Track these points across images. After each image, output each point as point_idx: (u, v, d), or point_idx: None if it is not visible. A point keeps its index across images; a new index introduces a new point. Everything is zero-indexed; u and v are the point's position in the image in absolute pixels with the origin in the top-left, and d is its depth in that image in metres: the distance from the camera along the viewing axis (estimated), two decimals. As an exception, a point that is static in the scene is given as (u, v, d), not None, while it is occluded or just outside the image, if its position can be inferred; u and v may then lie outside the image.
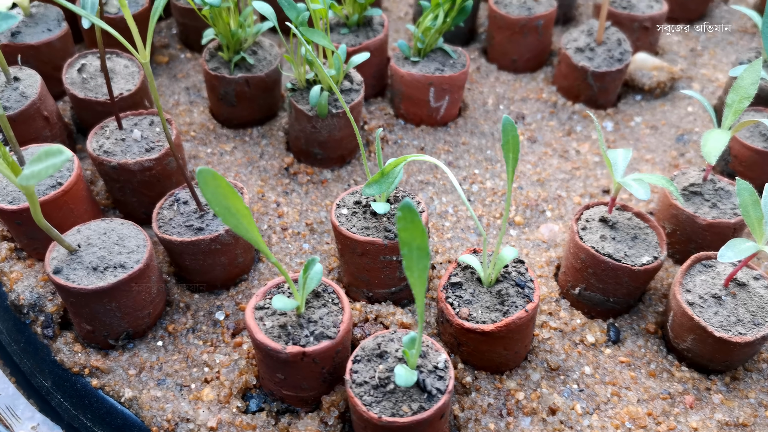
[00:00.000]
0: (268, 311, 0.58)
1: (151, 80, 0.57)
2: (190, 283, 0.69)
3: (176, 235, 0.65)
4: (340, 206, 0.67)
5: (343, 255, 0.66)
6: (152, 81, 0.57)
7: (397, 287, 0.67)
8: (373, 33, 0.86)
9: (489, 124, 0.89)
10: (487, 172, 0.83)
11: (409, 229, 0.46)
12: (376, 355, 0.56)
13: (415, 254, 0.47)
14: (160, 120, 0.72)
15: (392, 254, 0.64)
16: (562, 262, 0.70)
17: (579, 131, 0.89)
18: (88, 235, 0.63)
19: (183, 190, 0.68)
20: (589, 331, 0.67)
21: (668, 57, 1.00)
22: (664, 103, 0.93)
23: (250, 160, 0.81)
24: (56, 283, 0.59)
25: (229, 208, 0.50)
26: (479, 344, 0.60)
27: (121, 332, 0.63)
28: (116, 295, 0.60)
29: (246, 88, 0.80)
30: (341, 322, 0.58)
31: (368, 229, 0.64)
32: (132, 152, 0.69)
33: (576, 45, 0.89)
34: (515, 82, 0.95)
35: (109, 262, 0.60)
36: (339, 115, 0.76)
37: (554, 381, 0.63)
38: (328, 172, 0.81)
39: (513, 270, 0.62)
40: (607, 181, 0.82)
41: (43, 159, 0.44)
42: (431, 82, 0.82)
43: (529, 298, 0.60)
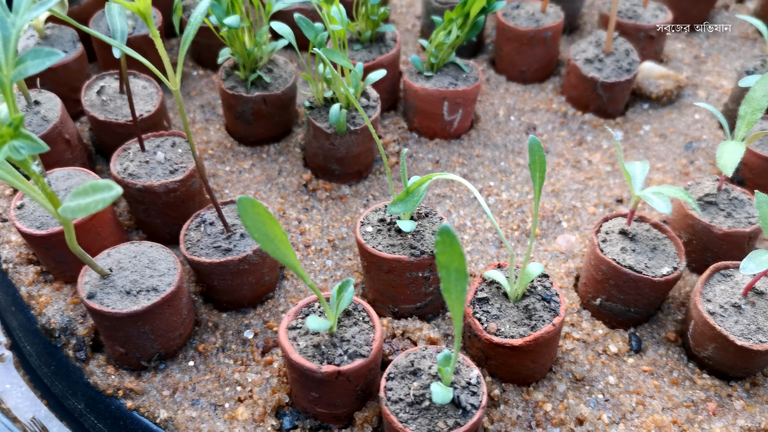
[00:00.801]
0: (301, 331, 0.59)
1: (180, 107, 0.58)
2: (218, 303, 0.70)
3: (205, 257, 0.65)
4: (364, 224, 0.68)
5: (369, 272, 0.68)
6: (182, 108, 0.58)
7: (422, 302, 0.68)
8: (386, 48, 0.87)
9: (501, 135, 0.90)
10: (502, 184, 0.84)
11: (448, 253, 0.48)
12: (410, 372, 0.57)
13: (454, 276, 0.48)
14: (189, 146, 0.73)
15: (418, 271, 0.65)
16: (582, 273, 0.72)
17: (590, 141, 0.90)
18: (118, 258, 0.64)
19: (208, 211, 0.69)
20: (611, 341, 0.68)
21: (673, 64, 1.02)
22: (671, 111, 0.95)
23: (269, 177, 0.82)
24: (90, 307, 0.59)
25: (267, 234, 0.51)
26: (507, 358, 0.62)
27: (153, 354, 0.64)
28: (150, 318, 0.61)
29: (263, 106, 0.81)
30: (373, 341, 0.59)
31: (394, 246, 0.65)
32: (157, 174, 0.70)
33: (585, 56, 0.91)
34: (524, 93, 0.96)
35: (142, 285, 0.61)
36: (357, 131, 0.77)
37: (580, 391, 0.65)
38: (346, 188, 0.82)
39: (538, 284, 0.63)
40: (620, 191, 0.84)
41: (90, 193, 0.45)
42: (445, 96, 0.83)
43: (556, 312, 0.62)
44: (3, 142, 0.46)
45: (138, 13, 0.53)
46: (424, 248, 0.65)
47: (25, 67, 0.45)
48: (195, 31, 0.55)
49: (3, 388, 0.68)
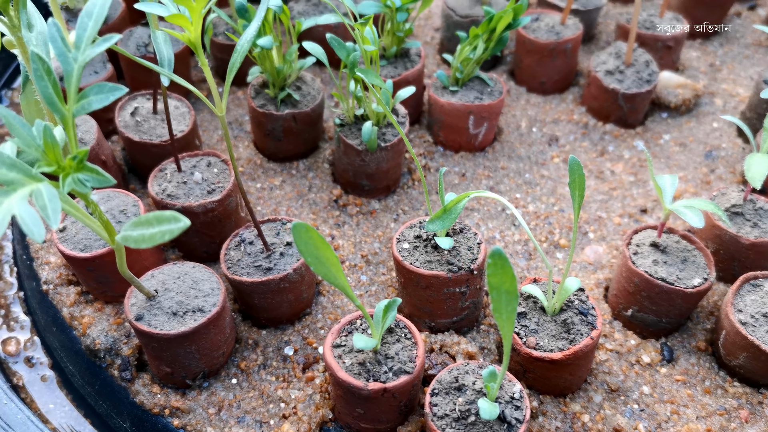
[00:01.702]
0: (346, 348, 0.61)
1: (225, 131, 0.59)
2: (257, 320, 0.71)
3: (246, 276, 0.67)
4: (400, 240, 0.69)
5: (406, 287, 0.69)
6: (227, 132, 0.59)
7: (459, 316, 0.70)
8: (411, 64, 0.89)
9: (525, 147, 0.92)
10: (528, 196, 0.85)
11: (499, 274, 0.49)
12: (455, 388, 0.59)
13: (504, 297, 0.50)
14: (224, 165, 0.74)
15: (455, 286, 0.66)
16: (612, 285, 0.73)
17: (611, 151, 0.92)
18: (162, 280, 0.65)
19: (246, 230, 0.70)
20: (644, 352, 0.70)
21: (689, 73, 1.03)
22: (689, 120, 0.96)
23: (300, 194, 0.83)
24: (139, 329, 0.61)
25: (319, 257, 0.53)
26: (546, 371, 0.63)
27: (198, 372, 0.65)
28: (196, 338, 0.62)
29: (293, 124, 0.83)
30: (416, 357, 0.60)
31: (431, 262, 0.66)
32: (195, 195, 0.72)
33: (605, 68, 0.92)
34: (545, 104, 0.98)
35: (188, 306, 0.62)
36: (387, 148, 0.78)
37: (615, 402, 0.66)
38: (376, 203, 0.83)
39: (575, 298, 0.65)
40: (644, 201, 0.85)
41: (154, 224, 0.46)
42: (471, 110, 0.85)
43: (593, 326, 0.63)
44: (66, 175, 0.47)
45: (189, 44, 0.54)
46: (461, 264, 0.66)
47: (88, 102, 0.46)
48: (242, 58, 0.56)
49: (47, 408, 0.70)
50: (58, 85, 0.47)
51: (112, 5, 0.94)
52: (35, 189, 0.44)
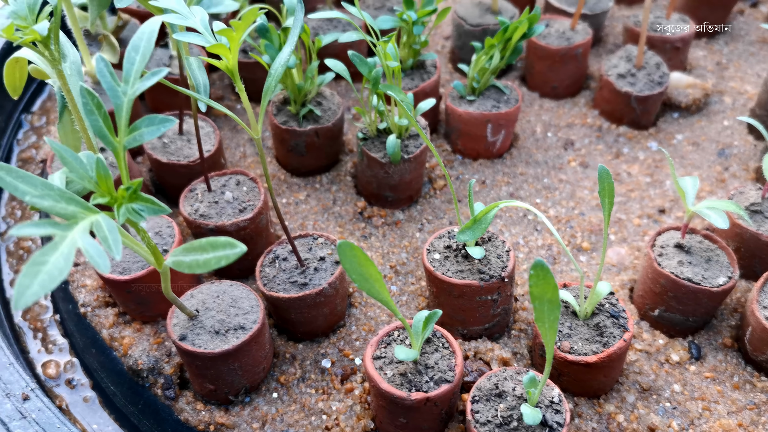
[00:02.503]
0: (386, 360, 0.62)
1: (261, 154, 0.61)
2: (292, 334, 0.73)
3: (282, 292, 0.68)
4: (430, 251, 0.71)
5: (438, 297, 0.70)
6: (262, 153, 0.61)
7: (490, 323, 0.71)
8: (427, 75, 0.90)
9: (541, 152, 0.93)
10: (548, 201, 0.87)
11: (542, 285, 0.51)
12: (495, 394, 0.60)
13: (547, 307, 0.52)
14: (260, 185, 0.75)
15: (487, 294, 0.68)
16: (638, 286, 0.75)
17: (626, 153, 0.93)
18: (202, 299, 0.66)
19: (279, 247, 0.72)
20: (672, 350, 0.71)
21: (697, 72, 1.05)
22: (700, 119, 0.98)
23: (325, 207, 0.85)
24: (183, 349, 0.62)
25: (363, 274, 0.54)
26: (581, 374, 0.65)
27: (240, 388, 0.67)
28: (239, 355, 0.63)
29: (316, 139, 0.84)
30: (455, 366, 0.62)
31: (463, 272, 0.68)
32: (227, 214, 0.73)
33: (617, 71, 0.94)
34: (558, 109, 0.99)
35: (229, 324, 0.64)
36: (410, 159, 0.80)
37: (648, 401, 0.68)
38: (400, 213, 0.85)
39: (605, 301, 0.66)
40: (662, 201, 0.87)
41: (208, 249, 0.48)
42: (489, 119, 0.86)
43: (625, 328, 0.65)
44: (120, 204, 0.49)
45: (226, 71, 0.56)
46: (492, 272, 0.68)
47: (140, 134, 0.48)
48: (276, 82, 0.58)
49: (92, 429, 0.71)
50: (108, 119, 0.48)
51: (129, 27, 0.95)
52: (95, 221, 0.45)
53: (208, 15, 0.58)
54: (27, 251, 0.85)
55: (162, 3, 0.56)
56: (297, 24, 0.59)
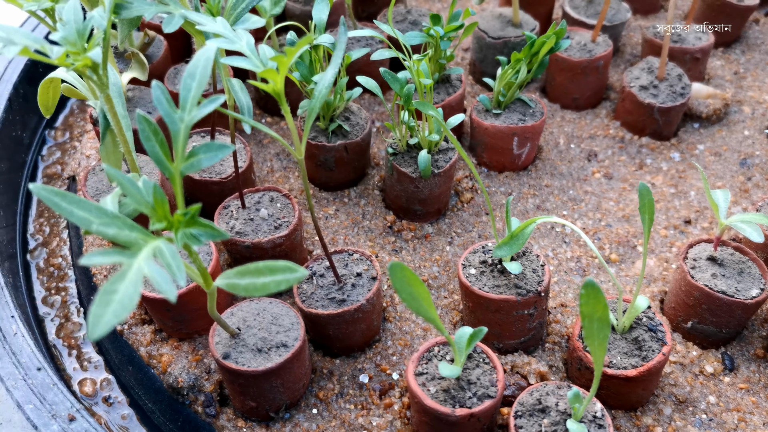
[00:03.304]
0: (428, 376, 0.63)
1: (303, 173, 0.62)
2: (329, 349, 0.73)
3: (321, 309, 0.69)
4: (466, 266, 0.71)
5: (474, 312, 0.71)
6: (305, 173, 0.61)
7: (526, 337, 0.72)
8: (453, 89, 0.91)
9: (565, 164, 0.94)
10: (575, 213, 0.88)
11: (592, 303, 0.51)
12: (538, 410, 0.61)
13: (596, 325, 0.52)
14: (294, 202, 0.76)
15: (524, 308, 0.69)
16: (669, 298, 0.76)
17: (649, 164, 0.94)
18: (243, 317, 0.67)
19: (315, 263, 0.72)
20: (706, 362, 0.72)
21: (715, 82, 1.06)
22: (721, 129, 0.99)
23: (355, 222, 0.85)
24: (226, 367, 0.63)
25: (412, 293, 0.55)
26: (620, 388, 0.66)
27: (281, 405, 0.67)
28: (282, 372, 0.64)
29: (345, 154, 0.85)
30: (497, 381, 0.62)
31: (499, 287, 0.69)
32: (263, 231, 0.74)
33: (639, 83, 0.95)
34: (580, 120, 1.00)
35: (271, 342, 0.64)
36: (440, 174, 0.81)
37: (684, 413, 0.68)
38: (429, 226, 0.85)
39: (643, 315, 0.67)
40: (687, 212, 0.88)
41: (266, 273, 0.48)
42: (515, 132, 0.87)
43: (663, 341, 0.65)
44: (177, 229, 0.49)
45: (273, 94, 0.56)
46: (529, 287, 0.68)
47: (198, 160, 0.48)
48: (320, 104, 0.58)
49: (131, 445, 0.71)
50: (165, 145, 0.49)
51: (155, 43, 0.96)
52: (157, 247, 0.46)
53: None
54: (57, 268, 0.85)
55: (209, 28, 0.56)
56: (340, 47, 0.59)
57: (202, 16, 0.58)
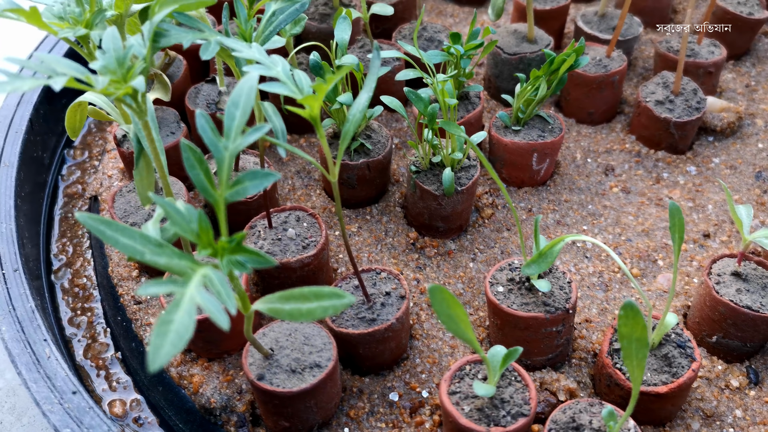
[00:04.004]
0: (461, 395, 0.63)
1: (336, 196, 0.62)
2: (358, 368, 0.74)
3: (352, 328, 0.69)
4: (493, 284, 0.72)
5: (502, 329, 0.72)
6: (338, 196, 0.62)
7: (554, 353, 0.73)
8: (472, 106, 0.92)
9: (583, 178, 0.95)
10: (595, 227, 0.89)
11: (631, 324, 0.52)
12: (572, 428, 0.62)
13: (635, 346, 0.53)
14: (320, 221, 0.77)
15: (552, 326, 0.69)
16: (693, 312, 0.76)
17: (666, 178, 0.95)
18: (275, 337, 0.67)
19: (344, 282, 0.73)
20: (731, 376, 0.73)
21: (727, 95, 1.07)
22: (735, 142, 1.00)
23: (377, 239, 0.86)
24: (261, 388, 0.63)
25: (451, 316, 0.56)
26: (650, 404, 0.66)
27: (314, 424, 0.68)
28: (316, 393, 0.64)
29: (367, 172, 0.86)
30: (530, 399, 0.63)
31: (528, 305, 0.70)
32: (291, 251, 0.74)
33: (655, 98, 0.96)
34: (596, 135, 1.01)
35: (305, 363, 0.65)
36: (462, 191, 0.81)
37: (712, 427, 0.69)
38: (451, 243, 0.86)
39: (671, 331, 0.68)
40: (705, 226, 0.89)
41: (311, 299, 0.49)
42: (535, 148, 0.88)
43: (692, 357, 0.66)
44: (222, 256, 0.50)
45: (310, 119, 0.57)
46: (557, 305, 0.69)
47: (243, 188, 0.49)
48: (354, 128, 0.59)
49: (162, 466, 0.72)
50: (210, 173, 0.50)
51: (175, 63, 0.97)
52: (206, 275, 0.46)
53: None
54: (82, 288, 0.86)
55: (245, 54, 0.57)
56: (374, 71, 0.60)
57: (237, 42, 0.58)
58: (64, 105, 1.00)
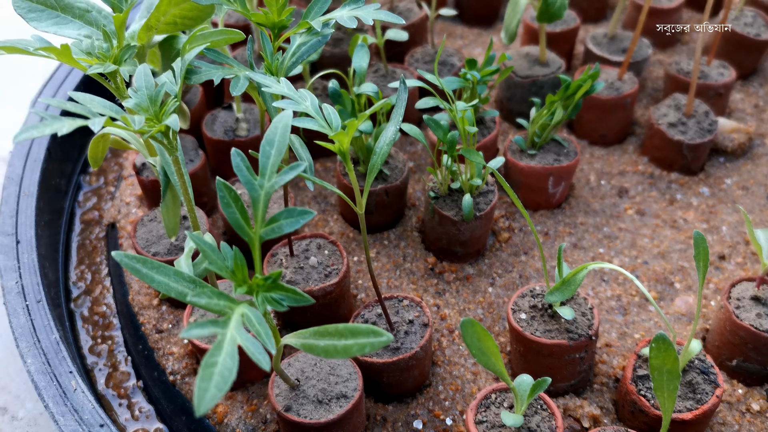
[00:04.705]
0: (488, 424, 0.64)
1: (363, 229, 0.63)
2: (380, 396, 0.74)
3: (376, 357, 0.70)
4: (515, 311, 0.73)
5: (525, 356, 0.72)
6: (364, 228, 0.63)
7: (576, 379, 0.73)
8: (487, 130, 0.93)
9: (597, 201, 0.96)
10: (611, 250, 0.89)
11: (663, 357, 0.53)
12: (600, 456, 0.62)
13: (666, 377, 0.53)
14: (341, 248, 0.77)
15: (575, 352, 0.70)
16: (713, 336, 0.77)
17: (680, 199, 0.96)
18: (300, 368, 0.68)
19: (366, 310, 0.73)
20: (752, 400, 0.73)
21: (737, 115, 1.08)
22: (746, 163, 1.01)
23: (396, 264, 0.86)
24: (288, 420, 0.63)
25: (482, 348, 0.56)
26: (674, 430, 0.67)
27: (340, 454, 0.68)
28: (343, 423, 0.65)
29: (385, 197, 0.86)
30: (557, 428, 0.63)
31: (551, 331, 0.70)
32: (313, 279, 0.75)
33: (667, 120, 0.97)
34: (609, 156, 1.02)
35: (331, 393, 0.65)
36: (481, 217, 0.82)
37: (735, 452, 0.70)
38: (469, 267, 0.87)
39: (695, 357, 0.68)
40: (720, 248, 0.89)
41: (347, 336, 0.49)
42: (551, 172, 0.89)
43: (716, 383, 0.67)
44: (257, 293, 0.50)
45: (339, 153, 0.58)
46: (580, 331, 0.69)
47: (279, 226, 0.49)
48: (382, 160, 0.60)
49: (187, 496, 0.72)
50: (245, 211, 0.50)
51: (192, 91, 0.97)
52: (245, 315, 0.47)
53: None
54: (102, 316, 0.86)
55: (275, 90, 0.58)
56: (401, 104, 0.61)
57: (266, 78, 0.59)
58: (80, 131, 1.00)
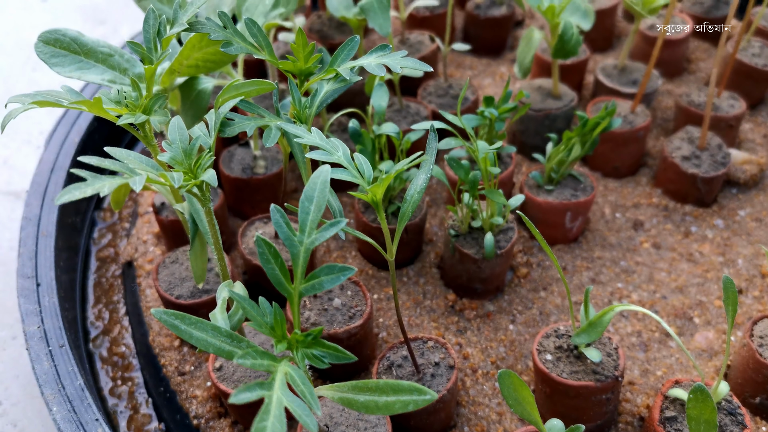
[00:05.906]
0: (519, 469, 0.64)
1: (392, 276, 0.63)
2: (407, 438, 0.74)
3: (403, 400, 0.69)
4: (541, 351, 0.73)
5: (551, 397, 0.72)
6: (394, 275, 0.63)
7: (602, 420, 0.73)
8: (504, 166, 0.93)
9: (613, 234, 0.96)
10: (629, 285, 0.90)
11: (700, 407, 0.53)
12: (633, 501, 0.62)
13: (703, 427, 0.54)
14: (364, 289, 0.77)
15: (602, 393, 0.70)
16: (735, 373, 0.77)
17: (695, 232, 0.96)
18: (328, 413, 0.67)
19: (391, 352, 0.73)
20: (777, 438, 0.74)
21: (747, 146, 1.09)
22: (758, 194, 1.02)
23: (416, 302, 0.86)
24: (319, 467, 0.63)
25: (518, 399, 0.56)
26: (705, 472, 0.67)
27: (369, 500, 0.68)
28: (373, 470, 0.64)
29: (404, 235, 0.86)
30: (588, 472, 0.63)
31: (577, 373, 0.70)
32: (338, 321, 0.74)
33: (681, 153, 0.98)
34: (622, 189, 1.03)
35: (361, 439, 0.65)
36: (501, 254, 0.82)
37: (763, 492, 0.70)
38: (490, 304, 0.87)
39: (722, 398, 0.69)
40: (737, 281, 0.90)
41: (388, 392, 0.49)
42: (569, 208, 0.89)
43: (743, 425, 0.67)
44: (296, 349, 0.50)
45: (372, 203, 0.58)
46: (607, 372, 0.70)
47: (319, 282, 0.49)
48: (413, 208, 0.60)
49: None
50: (285, 267, 0.50)
51: (207, 127, 0.97)
52: (288, 374, 0.47)
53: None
54: (121, 357, 0.85)
55: (306, 140, 0.58)
56: (431, 152, 0.61)
57: (298, 128, 0.59)
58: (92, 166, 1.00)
